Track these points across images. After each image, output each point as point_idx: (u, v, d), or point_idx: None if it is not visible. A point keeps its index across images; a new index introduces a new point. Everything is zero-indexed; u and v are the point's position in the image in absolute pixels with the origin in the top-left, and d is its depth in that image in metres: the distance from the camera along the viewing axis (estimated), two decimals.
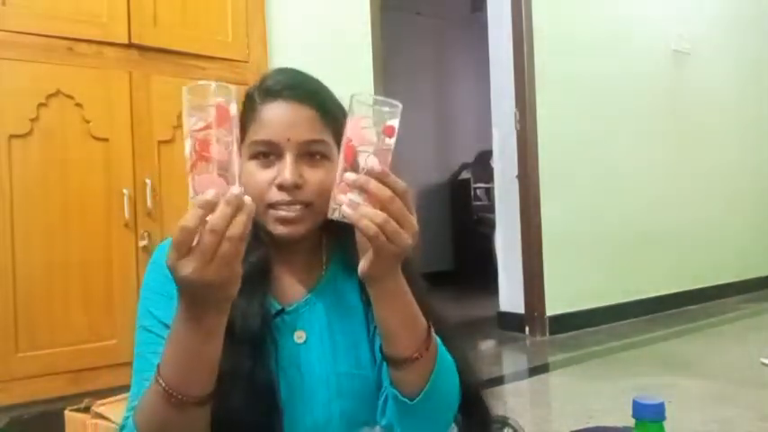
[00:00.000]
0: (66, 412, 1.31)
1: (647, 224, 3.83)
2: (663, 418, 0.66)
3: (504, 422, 1.01)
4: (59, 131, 1.84)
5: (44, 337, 1.79)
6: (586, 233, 3.51)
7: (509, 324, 3.43)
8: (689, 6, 4.20)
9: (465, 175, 5.85)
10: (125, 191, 1.91)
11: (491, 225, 4.21)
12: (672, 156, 4.03)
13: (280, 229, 0.82)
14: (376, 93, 2.75)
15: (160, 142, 1.99)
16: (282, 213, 0.81)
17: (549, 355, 2.98)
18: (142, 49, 1.97)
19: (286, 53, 2.35)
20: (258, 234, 0.83)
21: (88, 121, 1.88)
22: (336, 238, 0.88)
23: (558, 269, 3.35)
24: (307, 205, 0.81)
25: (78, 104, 1.87)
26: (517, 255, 3.39)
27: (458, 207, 5.88)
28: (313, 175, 0.81)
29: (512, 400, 2.30)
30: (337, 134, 0.82)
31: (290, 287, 0.88)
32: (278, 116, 0.81)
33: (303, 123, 0.81)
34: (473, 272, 5.38)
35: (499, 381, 2.57)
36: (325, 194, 0.80)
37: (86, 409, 1.26)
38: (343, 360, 0.85)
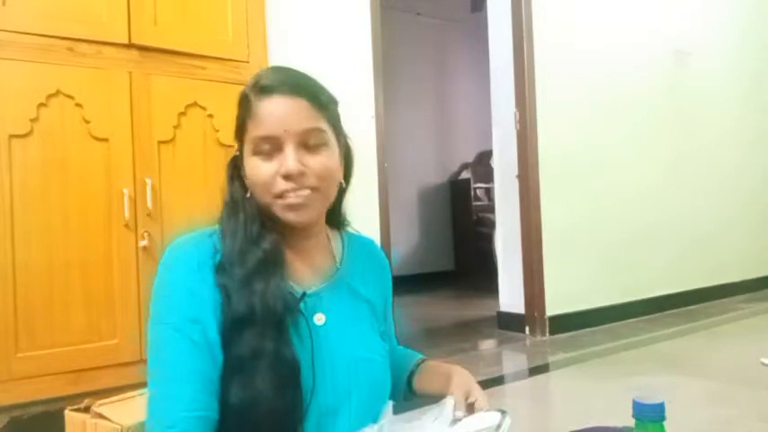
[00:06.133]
0: (67, 412, 1.30)
1: (647, 224, 3.83)
2: (663, 418, 0.65)
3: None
4: (59, 131, 1.84)
5: (44, 337, 1.79)
6: (586, 233, 3.51)
7: (509, 324, 3.44)
8: (690, 6, 4.19)
9: (465, 175, 5.85)
10: (125, 191, 1.91)
11: (491, 225, 4.21)
12: (672, 156, 4.02)
13: (290, 216, 0.86)
14: (375, 93, 2.75)
15: (160, 142, 1.99)
16: (291, 200, 0.85)
17: (549, 355, 2.98)
18: (142, 49, 1.97)
19: (286, 53, 2.35)
20: (266, 224, 0.88)
21: (88, 122, 1.88)
22: (342, 243, 0.98)
23: (558, 269, 3.35)
24: (312, 189, 0.86)
25: (78, 104, 1.87)
26: (517, 255, 3.39)
27: (458, 207, 5.89)
28: (314, 161, 0.86)
29: (512, 400, 2.30)
30: (331, 120, 0.90)
31: (304, 272, 0.92)
32: (274, 110, 0.85)
33: (298, 114, 0.85)
34: (473, 272, 5.39)
35: (499, 381, 2.57)
36: (328, 178, 0.88)
37: (86, 409, 1.25)
38: (359, 344, 0.90)
